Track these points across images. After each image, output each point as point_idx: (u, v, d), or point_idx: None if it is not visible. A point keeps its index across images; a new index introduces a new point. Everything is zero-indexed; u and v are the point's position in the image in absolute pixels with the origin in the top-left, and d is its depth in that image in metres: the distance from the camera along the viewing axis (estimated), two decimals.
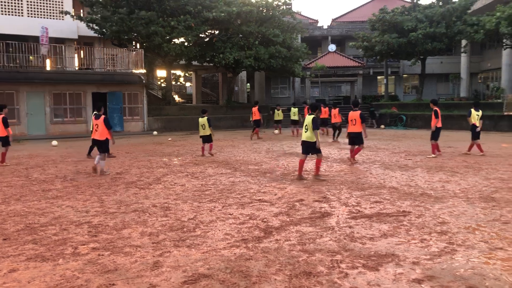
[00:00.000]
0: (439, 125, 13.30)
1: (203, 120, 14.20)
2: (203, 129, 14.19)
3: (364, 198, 7.72)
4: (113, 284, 4.07)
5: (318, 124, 9.51)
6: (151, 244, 5.24)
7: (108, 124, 10.77)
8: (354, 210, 6.82)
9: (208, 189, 8.63)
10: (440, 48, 31.73)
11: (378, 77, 46.02)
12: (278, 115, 24.03)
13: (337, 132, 19.84)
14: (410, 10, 32.46)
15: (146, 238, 5.47)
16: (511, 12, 25.28)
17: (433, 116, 13.26)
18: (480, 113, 13.92)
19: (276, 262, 4.58)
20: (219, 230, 5.79)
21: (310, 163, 11.58)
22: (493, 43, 36.14)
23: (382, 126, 30.32)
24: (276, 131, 24.20)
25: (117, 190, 8.62)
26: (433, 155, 13.36)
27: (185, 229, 5.85)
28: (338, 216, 6.50)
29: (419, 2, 32.96)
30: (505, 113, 25.59)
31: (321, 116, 20.30)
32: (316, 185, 9.01)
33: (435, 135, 13.38)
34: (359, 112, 11.86)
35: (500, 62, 34.32)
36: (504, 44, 29.71)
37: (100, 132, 10.72)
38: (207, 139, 14.29)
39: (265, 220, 6.29)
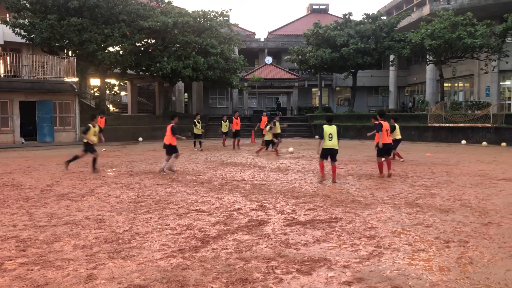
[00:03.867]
0: (383, 141, 11.36)
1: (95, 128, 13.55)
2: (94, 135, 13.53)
3: (299, 205, 7.96)
4: None
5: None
6: (85, 256, 5.10)
7: (173, 131, 12.56)
8: (289, 218, 7.02)
9: (144, 200, 8.51)
10: (370, 63, 33.37)
11: (313, 89, 47.47)
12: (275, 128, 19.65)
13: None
14: (342, 26, 33.90)
15: (79, 251, 5.32)
16: (433, 29, 27.19)
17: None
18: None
19: (213, 271, 4.64)
20: (156, 241, 5.74)
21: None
22: (418, 59, 38.60)
23: (317, 137, 31.23)
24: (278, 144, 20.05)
25: (48, 203, 8.27)
26: (379, 174, 11.66)
27: (120, 241, 5.75)
28: (274, 223, 6.66)
29: (351, 18, 34.49)
30: (429, 124, 27.32)
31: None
32: (253, 194, 9.16)
33: (379, 151, 11.56)
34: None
35: (425, 76, 36.74)
36: (427, 60, 31.84)
37: (168, 137, 12.58)
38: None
39: (202, 229, 6.31)
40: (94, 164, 12.93)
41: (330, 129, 10.59)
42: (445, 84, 33.46)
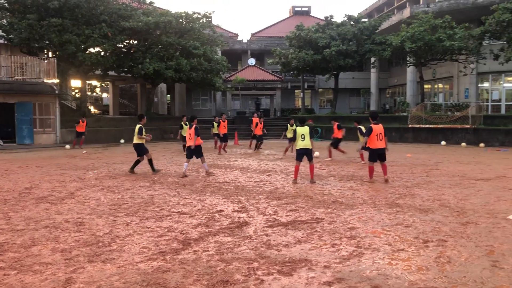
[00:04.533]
0: (375, 145, 10.83)
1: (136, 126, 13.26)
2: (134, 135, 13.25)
3: (281, 207, 7.99)
4: None
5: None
6: (63, 260, 5.04)
7: (196, 132, 12.30)
8: (271, 219, 7.03)
9: (125, 203, 8.43)
10: (352, 65, 33.67)
11: (296, 91, 47.73)
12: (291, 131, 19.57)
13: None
14: (324, 28, 34.14)
15: (58, 255, 5.24)
16: (413, 31, 27.59)
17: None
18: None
19: (193, 273, 4.62)
20: (136, 244, 5.70)
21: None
22: (399, 61, 39.09)
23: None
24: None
25: (26, 206, 8.13)
26: (369, 179, 11.08)
27: (100, 244, 5.69)
28: (256, 225, 6.67)
29: (332, 21, 34.75)
30: (410, 126, 27.68)
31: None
32: (236, 196, 9.16)
33: (371, 156, 11.02)
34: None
35: (405, 78, 37.22)
36: (408, 62, 32.27)
37: (193, 140, 12.35)
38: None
39: (183, 232, 6.29)
40: (151, 165, 13.26)
41: (302, 130, 10.89)
42: (425, 86, 33.96)
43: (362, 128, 13.93)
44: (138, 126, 12.79)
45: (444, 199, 8.71)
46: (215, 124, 21.16)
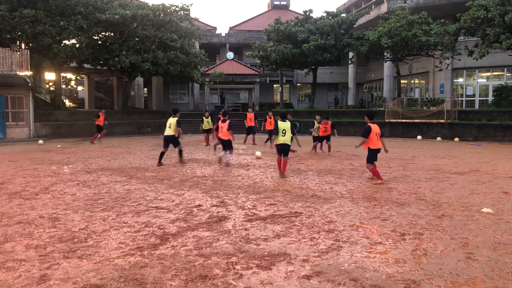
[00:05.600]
0: (374, 145, 10.24)
1: (172, 120, 13.18)
2: (169, 128, 13.15)
3: (260, 201, 7.98)
4: None
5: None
6: (38, 257, 4.92)
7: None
8: (250, 213, 7.02)
9: (101, 198, 8.29)
10: (330, 59, 33.84)
11: (274, 85, 47.73)
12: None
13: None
14: (303, 22, 34.18)
15: (32, 251, 5.12)
16: (390, 27, 27.89)
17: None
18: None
19: (172, 268, 4.57)
20: (113, 239, 5.61)
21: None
22: (376, 56, 39.48)
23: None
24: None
25: None
26: (379, 181, 10.04)
27: (75, 240, 5.58)
28: (234, 219, 6.65)
29: (311, 15, 34.83)
30: (386, 120, 28.02)
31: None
32: (214, 190, 9.11)
33: (370, 156, 10.29)
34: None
35: (382, 73, 37.66)
36: (385, 57, 32.63)
37: (224, 133, 12.96)
38: (171, 139, 13.29)
39: (161, 227, 6.22)
40: (181, 156, 13.77)
41: (284, 125, 10.91)
42: (402, 81, 34.46)
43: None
44: (175, 119, 13.15)
45: (420, 192, 8.85)
46: (205, 120, 20.70)
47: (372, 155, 10.23)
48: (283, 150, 10.91)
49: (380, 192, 8.83)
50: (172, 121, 13.23)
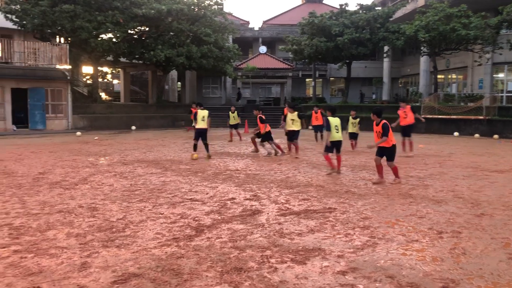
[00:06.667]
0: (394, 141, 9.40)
1: (203, 112, 13.46)
2: (202, 120, 13.42)
3: (293, 195, 7.97)
4: (38, 287, 3.91)
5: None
6: (78, 245, 5.08)
7: (262, 121, 13.80)
8: (283, 208, 7.02)
9: (138, 189, 8.47)
10: (365, 53, 33.32)
11: (307, 80, 47.41)
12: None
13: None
14: (337, 16, 33.76)
15: (72, 239, 5.29)
16: (428, 21, 27.17)
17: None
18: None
19: (207, 259, 4.63)
20: (150, 230, 5.72)
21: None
22: (412, 50, 38.59)
23: (310, 127, 31.23)
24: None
25: (40, 191, 8.21)
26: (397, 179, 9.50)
27: (114, 229, 5.72)
28: (268, 213, 6.66)
29: (346, 9, 34.35)
30: (422, 116, 27.34)
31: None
32: (247, 184, 9.15)
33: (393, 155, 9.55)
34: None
35: (418, 68, 36.74)
36: (421, 51, 31.85)
37: (261, 127, 13.79)
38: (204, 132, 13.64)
39: (196, 218, 6.30)
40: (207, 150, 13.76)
41: (335, 121, 10.41)
42: (439, 76, 33.51)
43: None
44: (207, 112, 13.47)
45: (458, 190, 8.63)
46: (231, 115, 20.45)
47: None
48: (338, 147, 10.47)
49: (416, 189, 8.65)
50: (204, 113, 13.32)
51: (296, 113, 13.58)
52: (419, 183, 9.43)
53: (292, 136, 13.91)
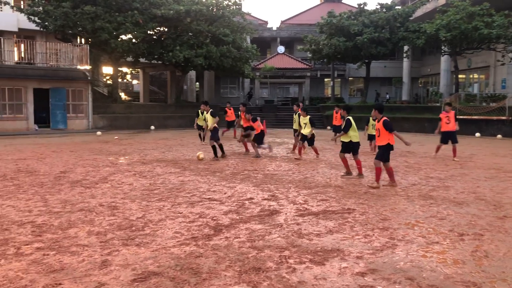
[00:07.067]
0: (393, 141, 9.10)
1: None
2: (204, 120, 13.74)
3: (311, 196, 7.94)
4: (60, 284, 3.98)
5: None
6: (99, 243, 5.15)
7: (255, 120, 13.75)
8: (301, 208, 7.00)
9: (157, 188, 8.55)
10: (384, 53, 33.01)
11: (325, 80, 47.16)
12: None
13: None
14: (356, 15, 33.53)
15: (93, 237, 5.37)
16: (449, 19, 26.76)
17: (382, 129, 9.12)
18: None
19: (226, 259, 4.65)
20: (169, 229, 5.77)
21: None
22: (432, 50, 38.07)
23: (328, 127, 31.07)
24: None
25: (62, 189, 8.36)
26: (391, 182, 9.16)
27: (133, 228, 5.79)
28: (286, 213, 6.65)
29: (365, 8, 34.08)
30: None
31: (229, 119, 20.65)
32: (265, 184, 9.15)
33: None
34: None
35: (439, 68, 36.25)
36: (442, 51, 31.39)
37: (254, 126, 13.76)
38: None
39: (215, 218, 6.33)
40: (222, 150, 13.56)
41: (354, 122, 10.06)
42: (460, 76, 32.99)
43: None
44: (210, 110, 13.36)
45: (480, 192, 8.48)
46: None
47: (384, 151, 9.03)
48: (354, 148, 10.10)
49: (437, 191, 8.53)
50: (206, 115, 13.41)
51: (308, 117, 13.42)
52: (439, 184, 9.30)
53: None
